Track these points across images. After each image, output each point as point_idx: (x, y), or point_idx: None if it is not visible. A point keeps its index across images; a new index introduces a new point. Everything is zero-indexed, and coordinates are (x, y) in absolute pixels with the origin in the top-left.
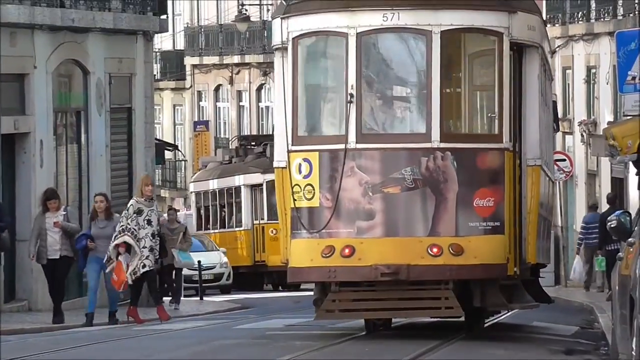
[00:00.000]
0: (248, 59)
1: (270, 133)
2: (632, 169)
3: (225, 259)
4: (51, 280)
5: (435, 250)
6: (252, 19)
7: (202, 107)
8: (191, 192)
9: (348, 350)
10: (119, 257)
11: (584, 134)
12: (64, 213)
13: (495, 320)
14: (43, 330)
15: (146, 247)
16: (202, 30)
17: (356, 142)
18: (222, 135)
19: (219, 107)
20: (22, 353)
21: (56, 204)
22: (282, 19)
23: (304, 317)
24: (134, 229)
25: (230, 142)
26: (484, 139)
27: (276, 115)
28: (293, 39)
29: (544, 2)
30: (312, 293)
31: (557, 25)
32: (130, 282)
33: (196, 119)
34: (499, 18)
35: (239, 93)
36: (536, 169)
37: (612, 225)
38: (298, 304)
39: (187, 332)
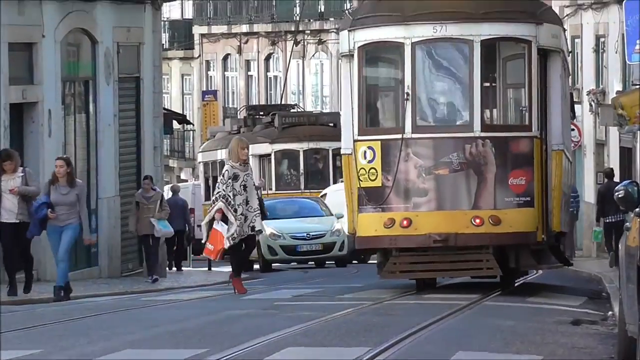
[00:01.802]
0: (257, 28)
1: (278, 102)
2: None
3: (338, 226)
4: (7, 245)
5: (477, 221)
6: None
7: (211, 76)
8: (199, 162)
9: (355, 320)
10: (215, 226)
11: (592, 103)
12: (22, 175)
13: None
14: (51, 301)
15: (243, 214)
16: None
17: (412, 133)
18: (230, 105)
19: (228, 77)
20: (30, 323)
21: (12, 166)
22: (349, 31)
23: (311, 288)
24: (229, 196)
25: (238, 112)
26: (517, 129)
27: (343, 111)
28: (358, 47)
29: None
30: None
31: None
32: (226, 247)
33: (204, 89)
34: (528, 28)
35: (248, 62)
36: (559, 153)
37: (619, 196)
38: (306, 274)
39: (195, 302)
